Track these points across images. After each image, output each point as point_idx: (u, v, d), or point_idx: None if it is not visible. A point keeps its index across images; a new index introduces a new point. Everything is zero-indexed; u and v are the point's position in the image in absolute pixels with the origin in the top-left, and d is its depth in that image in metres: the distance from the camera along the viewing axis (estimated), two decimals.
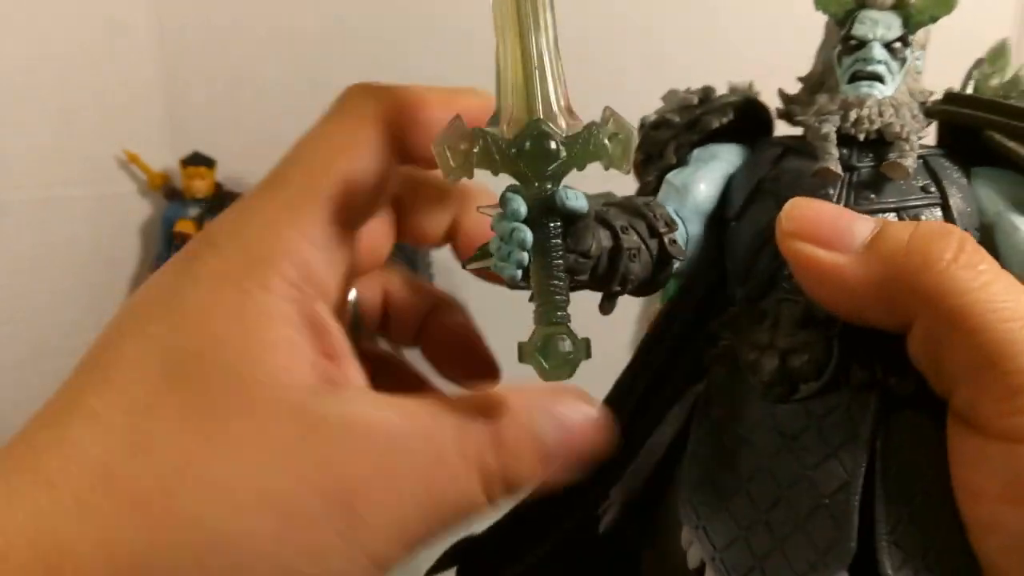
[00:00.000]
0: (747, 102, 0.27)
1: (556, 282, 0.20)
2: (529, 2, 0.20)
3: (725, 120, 0.26)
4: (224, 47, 0.80)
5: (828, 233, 0.21)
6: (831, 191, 0.23)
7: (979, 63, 0.25)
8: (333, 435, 0.19)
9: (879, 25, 0.24)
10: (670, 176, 0.26)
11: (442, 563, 0.29)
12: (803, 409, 0.23)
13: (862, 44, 0.24)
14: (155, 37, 0.79)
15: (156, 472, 0.18)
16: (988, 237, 0.23)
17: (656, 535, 0.27)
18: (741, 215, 0.25)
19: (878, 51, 0.24)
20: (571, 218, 0.20)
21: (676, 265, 0.24)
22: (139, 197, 0.81)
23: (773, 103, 0.27)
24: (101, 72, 0.76)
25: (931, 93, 0.25)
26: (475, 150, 0.19)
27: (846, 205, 0.23)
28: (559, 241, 0.20)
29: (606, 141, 0.20)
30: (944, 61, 0.26)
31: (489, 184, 0.22)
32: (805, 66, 0.26)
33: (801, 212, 0.21)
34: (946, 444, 0.20)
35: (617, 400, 0.28)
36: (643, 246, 0.23)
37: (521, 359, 0.20)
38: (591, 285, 0.22)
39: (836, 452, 0.22)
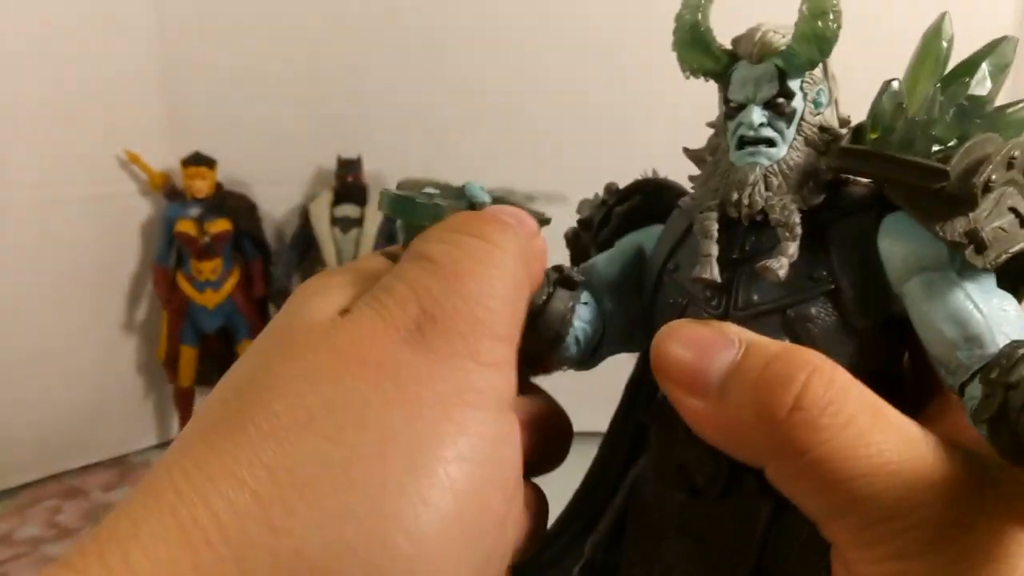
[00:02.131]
0: (654, 183, 0.27)
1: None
2: None
3: (629, 205, 0.26)
4: (225, 48, 0.80)
5: (689, 378, 0.20)
6: (713, 294, 0.22)
7: (887, 87, 0.22)
8: None
9: (751, 84, 0.22)
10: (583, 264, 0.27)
11: None
12: (706, 512, 0.22)
13: (742, 107, 0.22)
14: (156, 38, 0.79)
15: None
16: (902, 304, 0.21)
17: None
18: (651, 303, 0.25)
19: (756, 115, 0.22)
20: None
21: (582, 295, 0.24)
22: (140, 197, 0.81)
23: None
24: (102, 73, 0.76)
25: (846, 122, 0.23)
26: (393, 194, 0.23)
27: (725, 311, 0.22)
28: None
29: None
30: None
31: None
32: None
33: (665, 349, 0.21)
34: None
35: (602, 456, 0.28)
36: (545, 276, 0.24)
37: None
38: None
39: (730, 557, 0.22)
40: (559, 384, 0.27)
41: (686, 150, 0.25)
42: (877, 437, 0.18)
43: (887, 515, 0.18)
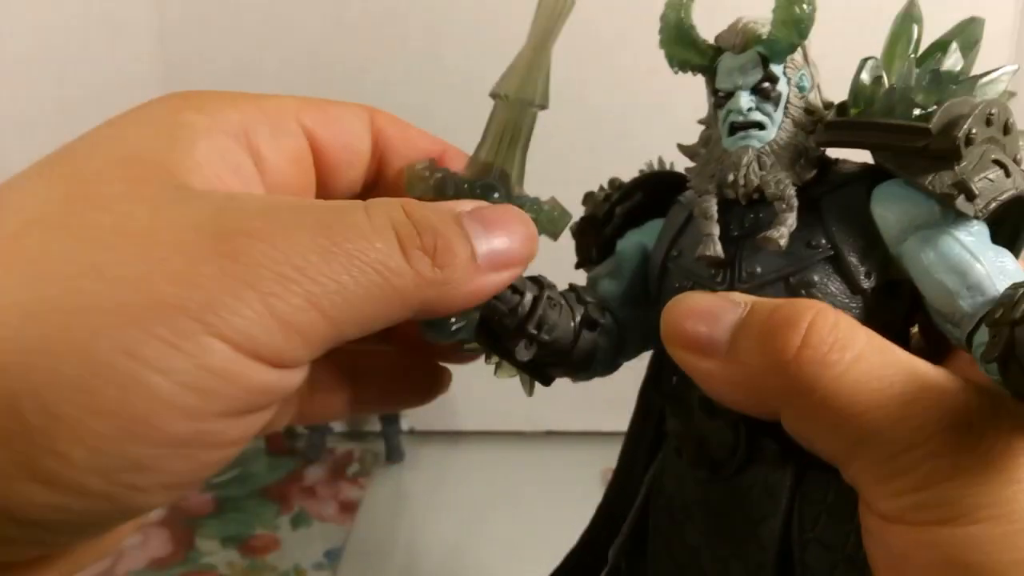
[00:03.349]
0: (655, 177, 0.28)
1: None
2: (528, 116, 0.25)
3: (630, 204, 0.27)
4: (225, 47, 0.80)
5: (697, 340, 0.21)
6: (717, 271, 0.23)
7: (864, 63, 0.23)
8: (226, 198, 0.18)
9: (737, 72, 0.23)
10: (591, 274, 0.28)
11: None
12: (728, 487, 0.23)
13: (730, 95, 0.23)
14: (156, 37, 0.79)
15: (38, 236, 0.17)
16: (901, 265, 0.22)
17: None
18: (658, 296, 0.25)
19: (745, 100, 0.23)
20: None
21: (598, 332, 0.25)
22: None
23: None
24: (103, 74, 0.76)
25: (829, 105, 0.24)
26: (434, 178, 0.24)
27: (731, 285, 0.23)
28: None
29: (544, 212, 0.25)
30: None
31: None
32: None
33: (674, 319, 0.22)
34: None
35: (624, 461, 0.29)
36: (564, 303, 0.25)
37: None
38: (510, 326, 0.24)
39: (756, 529, 0.22)
40: (560, 385, 0.27)
41: (680, 146, 0.26)
42: (888, 371, 0.18)
43: (905, 446, 0.18)
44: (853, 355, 0.19)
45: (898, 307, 0.23)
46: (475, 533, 0.59)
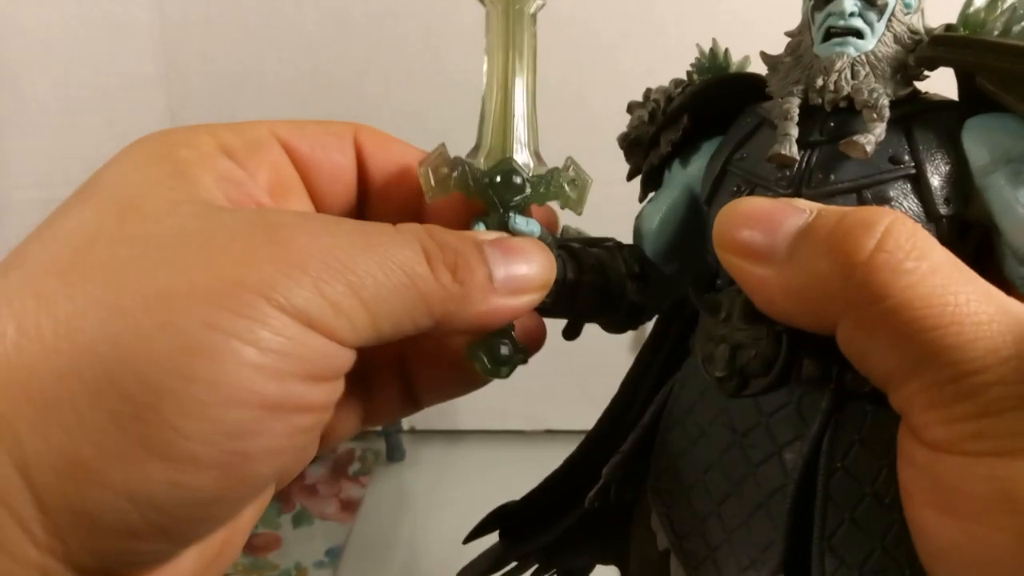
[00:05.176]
0: (705, 92, 0.25)
1: None
2: (513, 62, 0.24)
3: (677, 136, 0.25)
4: (227, 48, 0.80)
5: (752, 247, 0.20)
6: (786, 174, 0.22)
7: None
8: (262, 209, 0.21)
9: None
10: (637, 217, 0.27)
11: (483, 528, 0.30)
12: (754, 405, 0.22)
13: None
14: (157, 37, 0.79)
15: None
16: (981, 201, 0.20)
17: (640, 515, 0.27)
18: (711, 200, 0.24)
19: (849, 2, 0.21)
20: None
21: (647, 311, 0.25)
22: None
23: None
24: (103, 72, 0.76)
25: (932, 30, 0.22)
26: (454, 175, 0.23)
27: (797, 189, 0.21)
28: None
29: (565, 185, 0.24)
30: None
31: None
32: None
33: (728, 224, 0.20)
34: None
35: (628, 385, 0.28)
36: (604, 286, 0.24)
37: (468, 357, 0.23)
38: (554, 310, 0.24)
39: (781, 451, 0.21)
40: (560, 384, 0.28)
41: (763, 54, 0.24)
42: (964, 288, 0.17)
43: (973, 368, 0.16)
44: (930, 266, 0.17)
45: (964, 254, 0.20)
46: None
